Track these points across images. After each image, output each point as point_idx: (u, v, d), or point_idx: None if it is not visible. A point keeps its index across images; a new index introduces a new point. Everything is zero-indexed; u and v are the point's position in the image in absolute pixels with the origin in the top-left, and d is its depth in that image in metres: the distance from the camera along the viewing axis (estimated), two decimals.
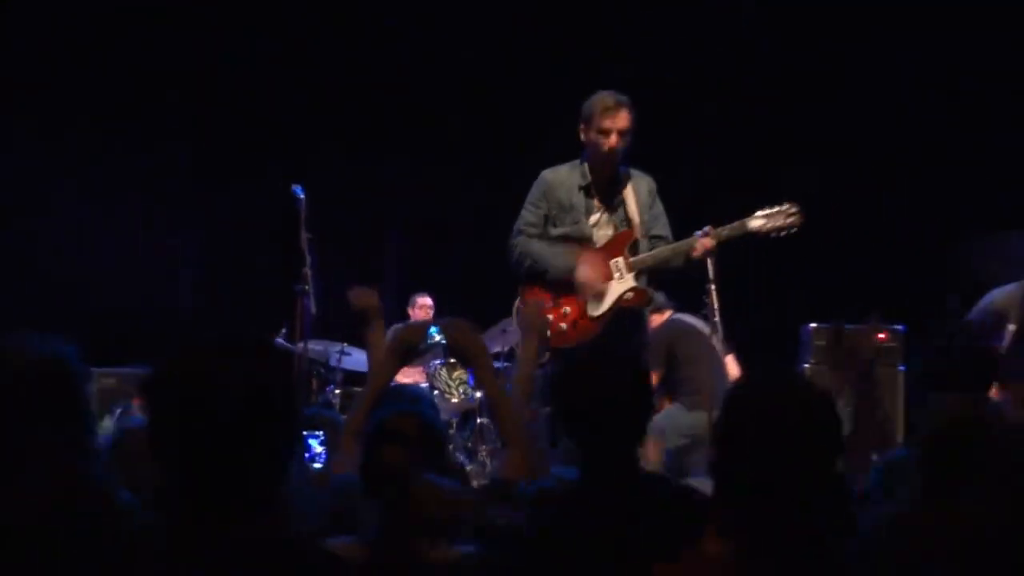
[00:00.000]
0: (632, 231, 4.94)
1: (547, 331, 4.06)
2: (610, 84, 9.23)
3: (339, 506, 2.73)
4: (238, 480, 1.92)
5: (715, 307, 5.45)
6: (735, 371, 6.52)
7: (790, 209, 4.96)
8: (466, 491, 2.66)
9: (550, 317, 4.77)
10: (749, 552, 1.88)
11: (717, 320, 5.45)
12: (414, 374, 7.34)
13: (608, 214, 4.99)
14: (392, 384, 3.45)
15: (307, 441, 5.08)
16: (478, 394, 6.97)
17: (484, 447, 7.01)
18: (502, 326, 6.69)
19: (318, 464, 4.74)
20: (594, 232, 4.98)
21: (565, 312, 4.87)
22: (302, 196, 5.82)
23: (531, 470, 3.01)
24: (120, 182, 8.96)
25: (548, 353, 4.58)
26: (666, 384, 6.52)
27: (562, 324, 4.83)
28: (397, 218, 10.20)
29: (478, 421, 7.02)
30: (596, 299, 4.86)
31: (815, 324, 7.03)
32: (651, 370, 4.71)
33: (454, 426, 7.24)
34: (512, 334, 6.34)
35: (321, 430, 5.16)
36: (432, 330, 6.15)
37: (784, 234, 4.98)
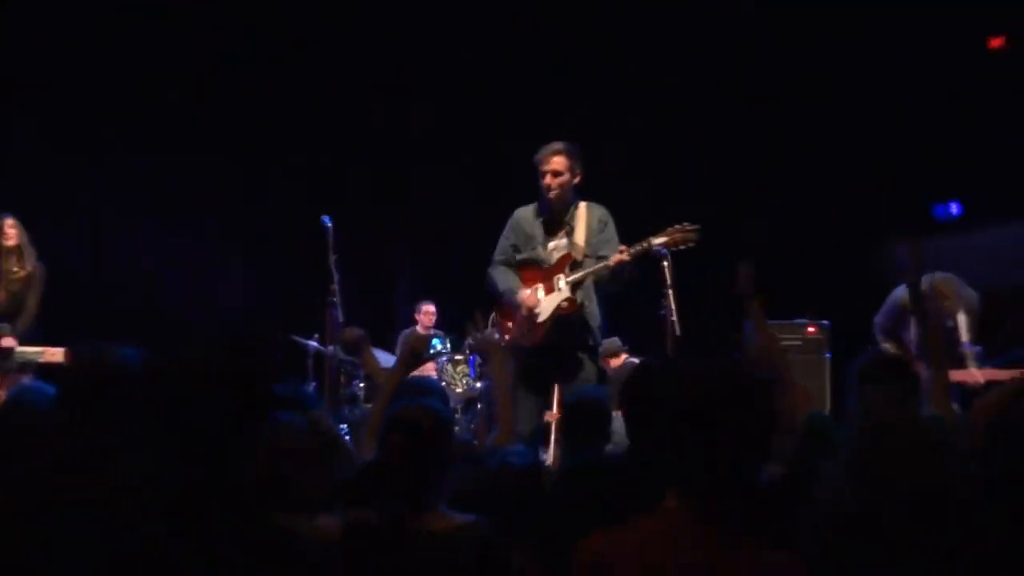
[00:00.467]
0: (571, 254, 5.03)
1: (499, 348, 4.21)
2: (610, 84, 9.09)
3: None
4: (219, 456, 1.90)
5: (672, 307, 5.42)
6: None
7: (687, 227, 4.97)
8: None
9: (508, 324, 5.07)
10: (700, 506, 1.97)
11: (675, 319, 5.42)
12: (427, 369, 7.34)
13: (562, 239, 5.09)
14: (410, 377, 3.56)
15: None
16: (478, 384, 6.99)
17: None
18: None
19: None
20: (552, 254, 5.08)
21: (520, 320, 5.03)
22: (329, 225, 5.87)
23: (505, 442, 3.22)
24: (180, 209, 8.71)
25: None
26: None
27: (520, 329, 5.01)
28: (409, 235, 9.80)
29: (478, 406, 7.02)
30: (542, 306, 5.00)
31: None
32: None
33: (459, 411, 7.24)
34: None
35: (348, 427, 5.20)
36: (434, 341, 6.33)
37: (684, 247, 4.97)
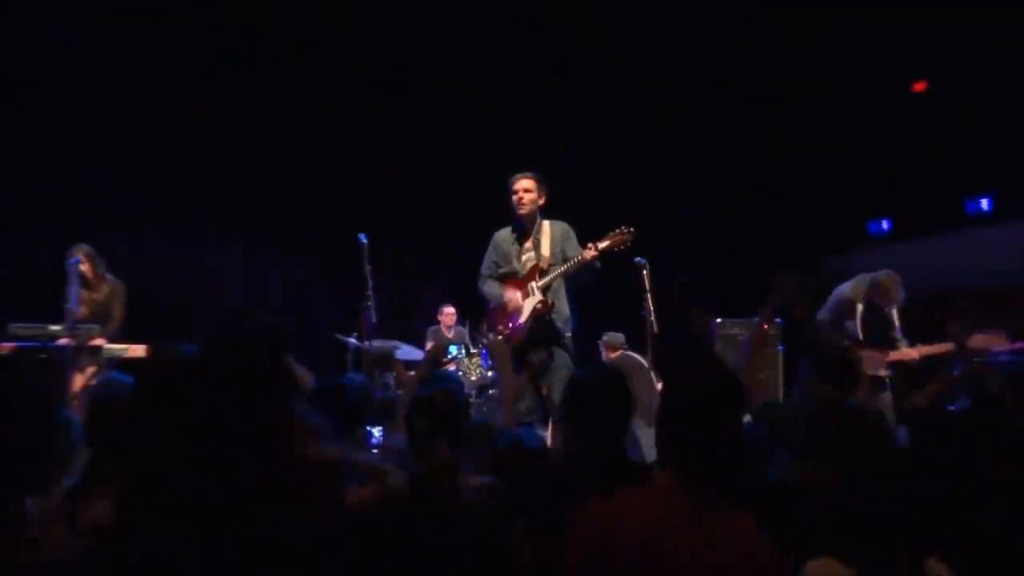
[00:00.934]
0: (538, 264, 5.20)
1: (501, 349, 4.37)
2: (610, 84, 8.45)
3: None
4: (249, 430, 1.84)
5: (651, 309, 5.38)
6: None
7: (624, 230, 5.06)
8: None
9: (500, 327, 5.22)
10: (686, 479, 1.95)
11: (653, 320, 5.38)
12: (447, 364, 7.30)
13: (530, 252, 5.26)
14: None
15: (369, 431, 5.20)
16: (490, 373, 6.94)
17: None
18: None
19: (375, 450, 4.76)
20: (524, 266, 5.28)
21: (509, 324, 5.22)
22: (365, 242, 5.84)
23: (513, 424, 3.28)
24: (238, 225, 8.45)
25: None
26: None
27: (508, 331, 5.21)
28: (433, 243, 9.24)
29: (490, 392, 6.95)
30: (520, 311, 5.18)
31: (719, 319, 7.10)
32: None
33: (473, 396, 7.17)
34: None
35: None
36: (451, 348, 6.62)
37: (622, 248, 5.07)
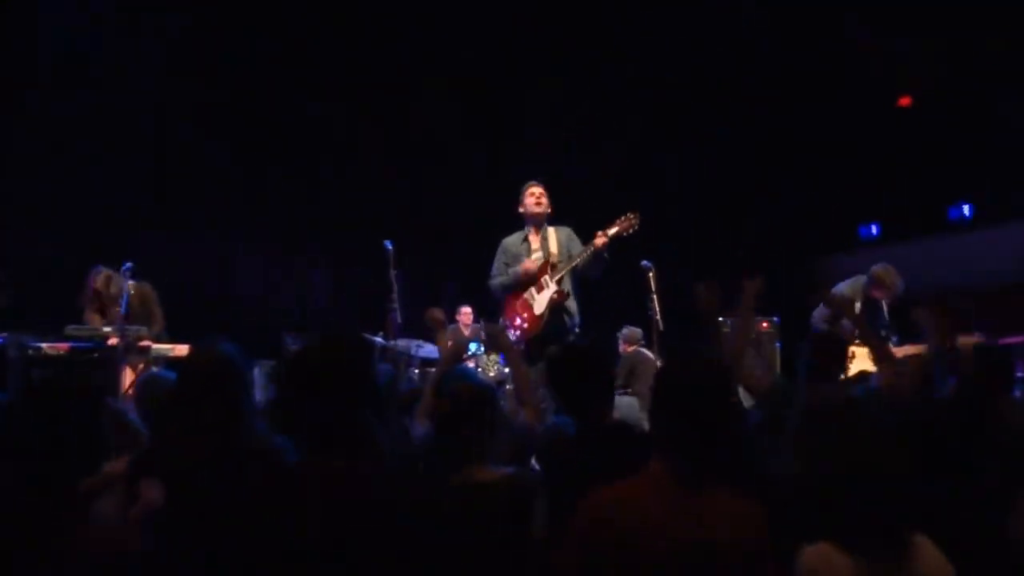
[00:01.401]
0: (548, 261, 5.20)
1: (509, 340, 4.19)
2: (610, 84, 8.14)
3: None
4: (340, 425, 1.93)
5: (656, 308, 5.38)
6: None
7: (630, 215, 5.04)
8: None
9: (516, 321, 5.10)
10: (678, 467, 1.94)
11: (658, 318, 5.38)
12: (467, 360, 7.33)
13: (539, 252, 5.26)
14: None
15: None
16: (507, 369, 6.96)
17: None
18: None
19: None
20: (536, 263, 5.26)
21: (524, 316, 5.14)
22: (390, 248, 5.90)
23: (537, 419, 3.07)
24: (238, 225, 8.39)
25: (523, 345, 4.95)
26: (628, 388, 6.89)
27: (524, 324, 5.11)
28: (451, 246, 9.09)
29: (506, 388, 6.96)
30: (537, 302, 5.06)
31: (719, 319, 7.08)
32: (616, 379, 5.01)
33: None
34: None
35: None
36: (471, 345, 6.58)
37: (629, 232, 5.01)
